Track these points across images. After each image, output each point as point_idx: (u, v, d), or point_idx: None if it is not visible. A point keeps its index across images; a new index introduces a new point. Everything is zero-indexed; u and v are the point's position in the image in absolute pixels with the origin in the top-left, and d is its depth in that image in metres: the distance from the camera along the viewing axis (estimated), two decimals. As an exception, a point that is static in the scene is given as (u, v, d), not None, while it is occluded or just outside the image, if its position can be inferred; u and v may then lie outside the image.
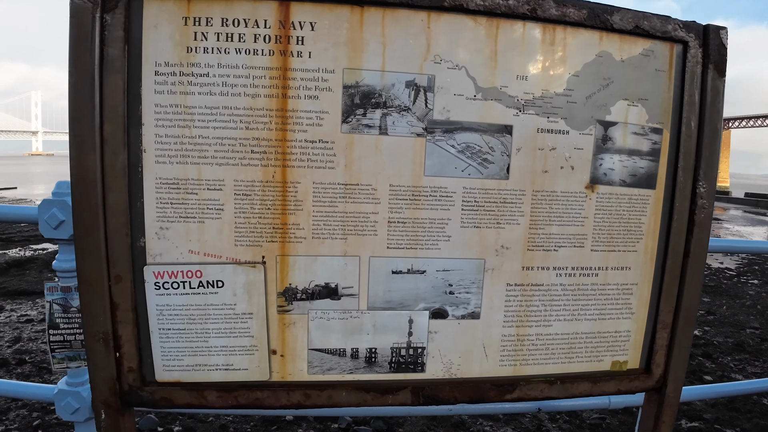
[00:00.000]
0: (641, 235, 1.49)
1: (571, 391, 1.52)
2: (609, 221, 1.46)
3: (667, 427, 1.62)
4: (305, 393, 1.42)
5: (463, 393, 1.47)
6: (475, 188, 1.36)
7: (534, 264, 1.42)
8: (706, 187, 1.51)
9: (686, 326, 1.56)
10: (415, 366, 1.43)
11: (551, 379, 1.50)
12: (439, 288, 1.39)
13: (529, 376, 1.49)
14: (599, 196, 1.43)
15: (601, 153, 1.43)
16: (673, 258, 1.51)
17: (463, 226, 1.37)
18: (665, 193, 1.49)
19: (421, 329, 1.41)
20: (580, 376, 1.52)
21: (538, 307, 1.45)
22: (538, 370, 1.49)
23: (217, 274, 1.35)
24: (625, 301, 1.51)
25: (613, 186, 1.44)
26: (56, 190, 1.74)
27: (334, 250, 1.36)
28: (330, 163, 1.32)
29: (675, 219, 1.50)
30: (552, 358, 1.49)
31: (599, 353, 1.53)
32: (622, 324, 1.53)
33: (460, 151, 1.35)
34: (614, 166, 1.44)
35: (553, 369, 1.50)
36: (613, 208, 1.45)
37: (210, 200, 1.32)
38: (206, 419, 3.59)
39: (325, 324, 1.39)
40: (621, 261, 1.48)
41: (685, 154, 1.49)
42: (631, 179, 1.46)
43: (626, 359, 1.55)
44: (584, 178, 1.42)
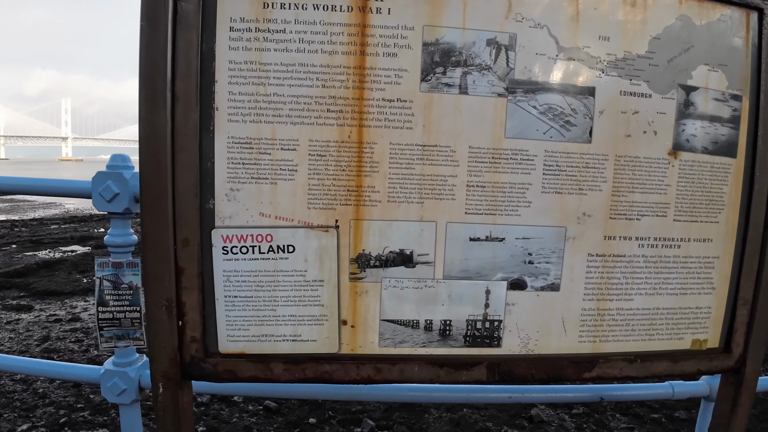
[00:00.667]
0: (723, 205, 1.40)
1: (651, 370, 1.41)
2: (691, 190, 1.37)
3: (744, 411, 1.51)
4: (376, 367, 1.31)
5: (540, 370, 1.36)
6: (557, 152, 1.28)
7: (616, 233, 1.33)
8: None
9: (767, 303, 1.45)
10: (491, 340, 1.33)
11: (630, 357, 1.40)
12: (518, 257, 1.29)
13: (608, 354, 1.39)
14: (682, 163, 1.35)
15: (683, 118, 1.34)
16: (754, 231, 1.42)
17: (545, 191, 1.28)
18: (746, 162, 1.41)
19: (499, 301, 1.31)
20: (659, 354, 1.42)
21: (620, 280, 1.35)
22: (618, 347, 1.39)
23: (288, 238, 1.25)
24: (706, 275, 1.41)
25: (695, 153, 1.35)
26: (111, 163, 1.66)
27: (410, 215, 1.27)
28: (408, 123, 1.24)
29: (755, 190, 1.41)
30: (632, 334, 1.39)
31: (680, 331, 1.42)
32: (703, 300, 1.42)
33: (542, 113, 1.26)
34: (696, 132, 1.35)
35: (633, 346, 1.40)
36: (696, 176, 1.36)
37: (283, 161, 1.23)
38: (230, 420, 3.49)
39: (398, 293, 1.29)
40: (703, 232, 1.39)
41: (764, 123, 1.41)
42: (713, 147, 1.37)
43: (706, 337, 1.45)
44: (667, 143, 1.33)
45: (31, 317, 4.98)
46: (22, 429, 2.82)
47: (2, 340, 4.27)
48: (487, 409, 4.82)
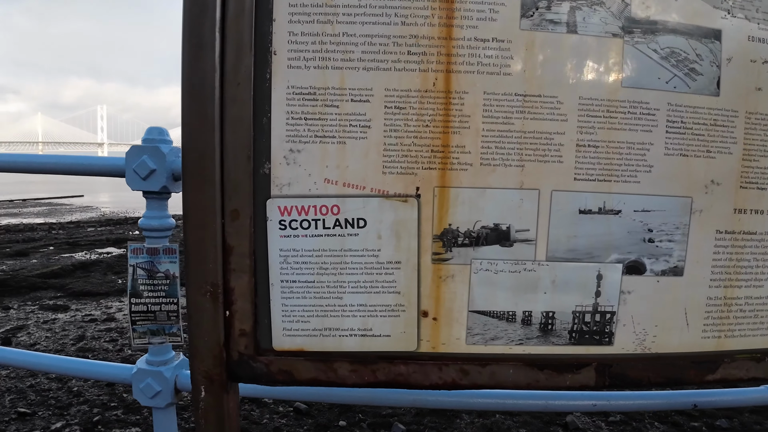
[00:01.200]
0: None
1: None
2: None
3: None
4: (462, 369, 1.04)
5: (658, 372, 1.09)
6: (682, 105, 1.03)
7: (747, 206, 1.07)
8: None
9: None
10: (601, 336, 1.05)
11: (758, 355, 1.12)
12: (636, 234, 1.03)
13: (733, 352, 1.12)
14: None
15: None
16: None
17: (668, 153, 1.02)
18: None
19: (612, 288, 1.04)
20: None
21: (749, 262, 1.09)
22: (744, 343, 1.12)
23: (358, 210, 0.98)
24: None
25: None
26: (147, 137, 1.38)
27: (507, 181, 1.00)
28: (505, 68, 0.98)
29: None
30: (761, 328, 1.12)
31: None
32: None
33: (663, 58, 1.01)
34: None
35: (762, 342, 1.13)
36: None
37: (354, 114, 0.97)
38: (260, 421, 3.26)
39: (491, 278, 1.02)
40: None
41: None
42: None
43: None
44: None
45: (67, 317, 5.01)
46: (56, 427, 2.73)
47: (39, 339, 4.29)
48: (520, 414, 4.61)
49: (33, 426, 2.81)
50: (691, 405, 1.52)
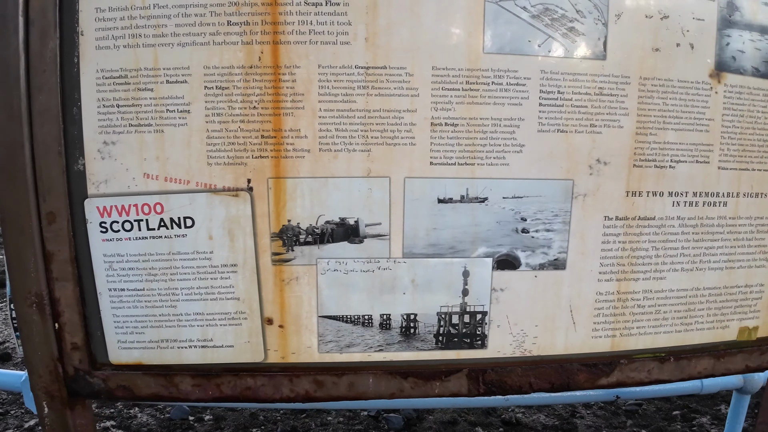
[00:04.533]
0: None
1: (688, 372, 0.87)
2: (740, 126, 0.82)
3: None
4: (315, 380, 0.79)
5: (542, 378, 0.82)
6: (559, 72, 0.73)
7: (642, 187, 0.78)
8: None
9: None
10: (472, 340, 0.78)
11: (662, 355, 0.84)
12: (507, 224, 0.75)
13: (632, 352, 0.84)
14: (727, 88, 0.80)
15: (727, 28, 0.79)
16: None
17: (542, 129, 0.73)
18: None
19: (482, 285, 0.76)
20: (699, 349, 0.89)
21: (648, 252, 0.80)
22: (645, 342, 0.84)
23: (184, 208, 0.72)
24: (759, 242, 0.87)
25: (744, 76, 0.80)
26: None
27: (352, 169, 0.72)
28: (343, 35, 0.70)
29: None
30: (664, 325, 0.85)
31: (725, 317, 0.88)
32: (755, 275, 0.88)
33: (534, 16, 0.71)
34: (744, 47, 0.80)
35: (666, 341, 0.85)
36: (745, 107, 0.82)
37: (171, 98, 0.73)
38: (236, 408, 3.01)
39: (341, 279, 0.75)
40: (756, 184, 0.84)
41: (837, 35, 0.83)
42: (766, 67, 0.80)
43: (757, 324, 0.91)
44: (708, 62, 0.78)
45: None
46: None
47: None
48: None
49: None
50: (613, 396, 1.24)
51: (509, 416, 3.70)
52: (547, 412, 3.72)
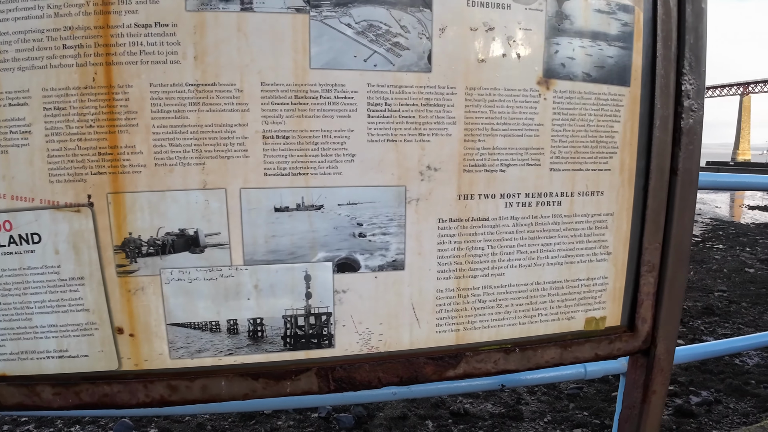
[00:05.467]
0: (615, 147, 0.99)
1: (535, 361, 1.01)
2: (572, 129, 0.96)
3: (658, 399, 1.13)
4: (169, 385, 0.92)
5: (390, 372, 0.96)
6: (385, 85, 0.86)
7: (474, 191, 0.92)
8: (693, 84, 1.00)
9: (679, 267, 1.07)
10: (319, 340, 0.91)
11: (508, 346, 0.99)
12: (344, 229, 0.87)
13: (477, 344, 0.99)
14: (557, 94, 0.94)
15: (555, 36, 0.93)
16: (658, 177, 1.02)
17: (372, 139, 0.86)
18: (642, 91, 1.01)
19: (324, 288, 0.89)
20: (545, 339, 1.04)
21: (484, 250, 0.94)
22: (490, 335, 0.99)
23: (31, 224, 0.85)
24: (598, 237, 1.01)
25: (574, 81, 0.94)
26: None
27: (188, 182, 0.84)
28: (173, 55, 0.83)
29: (657, 126, 1.01)
30: (507, 318, 0.99)
31: (569, 308, 1.03)
32: (597, 268, 1.03)
33: (359, 33, 0.83)
34: (575, 54, 0.94)
35: (510, 333, 1.00)
36: (576, 111, 0.96)
37: (14, 120, 0.93)
38: (182, 419, 3.13)
39: (186, 288, 0.88)
40: (591, 183, 0.98)
41: (664, 40, 1.00)
42: (598, 72, 0.96)
43: (604, 314, 1.05)
44: (536, 69, 0.92)
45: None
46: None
47: None
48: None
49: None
50: (498, 385, 1.38)
51: (457, 407, 3.93)
52: (493, 401, 3.93)
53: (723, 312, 7.23)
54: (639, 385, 1.26)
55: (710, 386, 4.63)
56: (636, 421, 1.27)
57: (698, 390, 4.54)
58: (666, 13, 1.11)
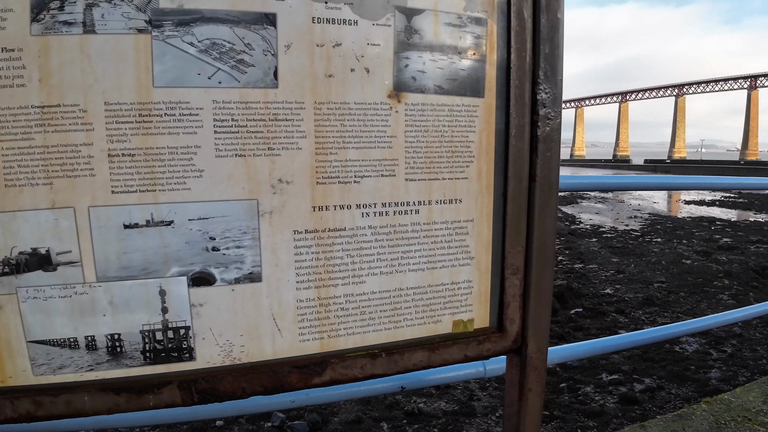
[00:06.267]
0: (471, 157, 1.09)
1: (403, 365, 1.11)
2: (426, 140, 1.05)
3: (535, 396, 1.24)
4: (35, 401, 1.03)
5: (255, 382, 1.06)
6: (231, 101, 0.95)
7: (329, 202, 1.01)
8: (549, 93, 1.11)
9: (543, 269, 1.17)
10: (179, 353, 1.00)
11: (374, 351, 1.07)
12: (196, 244, 0.96)
13: (343, 351, 1.08)
14: (409, 107, 1.03)
15: (405, 50, 1.02)
16: (516, 184, 1.12)
17: (220, 155, 0.94)
18: (498, 101, 1.11)
19: (181, 302, 0.98)
20: (413, 343, 1.14)
21: (343, 260, 1.04)
22: (356, 341, 1.09)
23: None
24: (459, 243, 1.11)
25: (426, 94, 1.04)
26: None
27: (38, 202, 0.93)
28: (18, 78, 0.92)
29: (513, 134, 1.11)
30: (372, 324, 1.09)
31: (435, 312, 1.13)
32: (461, 273, 1.13)
33: (203, 51, 0.92)
34: (425, 67, 1.03)
35: (376, 338, 1.09)
36: (430, 122, 1.06)
37: None
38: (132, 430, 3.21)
39: (43, 306, 0.96)
40: (448, 192, 1.08)
41: (518, 51, 1.10)
42: (450, 84, 1.06)
43: (471, 317, 1.15)
44: (386, 83, 1.02)
45: None
46: None
47: None
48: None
49: None
50: (398, 387, 1.48)
51: (411, 407, 4.09)
52: (447, 399, 4.10)
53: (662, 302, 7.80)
54: (515, 383, 1.37)
55: (652, 373, 4.99)
56: (515, 419, 1.38)
57: (641, 378, 4.89)
58: (520, 24, 1.22)
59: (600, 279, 9.27)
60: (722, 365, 5.26)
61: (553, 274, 1.29)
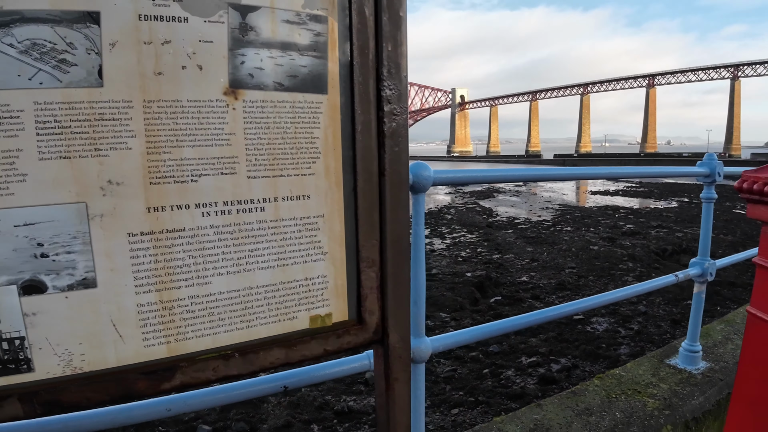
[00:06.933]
0: (317, 153, 1.15)
1: (259, 363, 1.16)
2: (267, 137, 1.11)
3: (402, 385, 1.31)
4: None
5: (100, 391, 1.09)
6: (53, 102, 0.98)
7: (165, 202, 1.05)
8: (394, 89, 1.19)
9: (400, 260, 1.25)
10: (17, 365, 1.02)
11: (227, 352, 1.11)
12: (24, 251, 0.98)
13: (193, 354, 1.11)
14: (247, 104, 1.08)
15: (240, 47, 1.07)
16: (366, 179, 1.20)
17: (44, 158, 0.97)
18: (342, 98, 1.18)
19: (12, 313, 1.01)
20: (268, 342, 1.16)
21: (185, 261, 1.08)
22: (207, 343, 1.13)
23: None
24: (311, 239, 1.17)
25: (265, 91, 1.09)
26: None
27: None
28: None
29: (359, 131, 1.19)
30: (222, 325, 1.13)
31: (290, 309, 1.18)
32: (314, 268, 1.19)
33: (23, 52, 0.95)
34: (263, 64, 1.09)
35: (229, 339, 1.14)
36: (271, 119, 1.11)
37: None
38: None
39: None
40: (296, 188, 1.14)
41: (360, 49, 1.18)
42: (291, 81, 1.12)
43: (329, 311, 1.22)
44: (221, 81, 1.07)
45: None
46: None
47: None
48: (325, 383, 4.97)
49: None
50: (281, 388, 1.53)
51: (341, 406, 4.20)
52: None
53: (574, 286, 8.70)
54: (382, 375, 1.44)
55: (567, 353, 5.48)
56: (385, 410, 1.46)
57: (558, 358, 5.36)
58: (362, 22, 1.30)
59: (516, 268, 10.08)
60: (630, 342, 5.85)
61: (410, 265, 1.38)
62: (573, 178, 2.65)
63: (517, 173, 2.28)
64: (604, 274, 9.21)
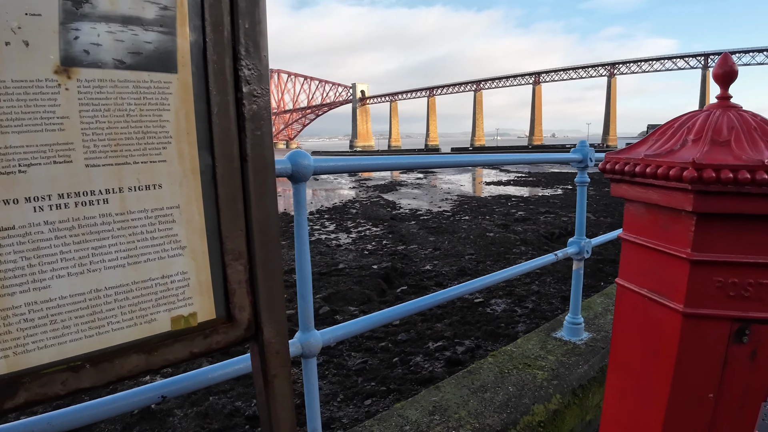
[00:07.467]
0: (168, 137, 1.09)
1: (115, 373, 1.09)
2: (108, 120, 1.04)
3: (282, 381, 1.29)
4: None
5: None
6: None
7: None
8: (253, 69, 1.15)
9: (269, 252, 1.22)
10: None
11: (77, 363, 1.02)
12: None
13: (38, 368, 1.02)
14: (82, 84, 1.01)
15: (74, 21, 1.00)
16: (226, 165, 1.16)
17: None
18: (195, 78, 1.13)
19: None
20: (125, 348, 1.09)
21: (18, 263, 0.99)
22: (53, 354, 1.05)
23: None
24: (166, 232, 1.11)
25: (104, 69, 1.02)
26: None
27: None
28: None
29: (215, 113, 1.14)
30: (68, 333, 1.05)
31: (146, 311, 1.12)
32: (172, 265, 1.13)
33: None
34: (101, 40, 1.02)
35: (77, 348, 1.06)
36: (111, 101, 1.04)
37: None
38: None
39: None
40: (144, 177, 1.08)
41: (214, 25, 1.13)
42: (134, 59, 1.05)
43: (193, 310, 1.16)
44: (51, 58, 0.97)
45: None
46: None
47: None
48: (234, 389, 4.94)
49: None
50: (159, 398, 1.45)
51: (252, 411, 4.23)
52: None
53: (473, 271, 9.51)
54: (260, 372, 1.40)
55: (471, 335, 5.94)
56: (267, 408, 1.42)
57: (462, 340, 5.80)
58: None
59: (420, 257, 10.77)
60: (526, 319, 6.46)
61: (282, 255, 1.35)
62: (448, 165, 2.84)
63: (396, 161, 2.32)
64: (500, 258, 10.04)
